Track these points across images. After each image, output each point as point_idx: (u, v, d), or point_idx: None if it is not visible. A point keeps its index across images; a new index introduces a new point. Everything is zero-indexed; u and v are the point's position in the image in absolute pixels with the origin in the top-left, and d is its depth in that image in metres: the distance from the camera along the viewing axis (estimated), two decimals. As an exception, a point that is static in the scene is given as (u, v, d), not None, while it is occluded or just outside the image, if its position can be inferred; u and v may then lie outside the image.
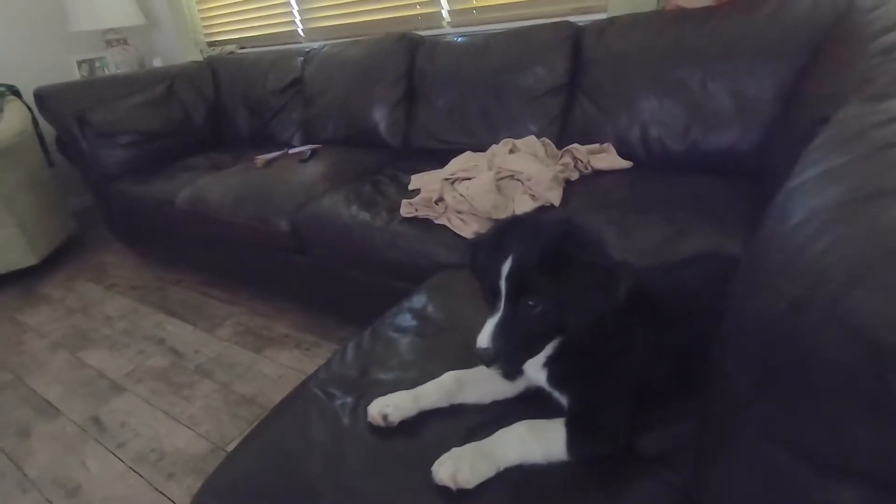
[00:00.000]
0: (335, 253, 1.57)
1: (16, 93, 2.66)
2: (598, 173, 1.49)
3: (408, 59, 2.01)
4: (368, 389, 0.73)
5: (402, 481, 0.59)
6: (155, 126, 2.37)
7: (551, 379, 0.65)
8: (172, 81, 2.52)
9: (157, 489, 1.27)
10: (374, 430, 0.66)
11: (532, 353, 0.61)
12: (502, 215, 1.31)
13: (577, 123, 1.66)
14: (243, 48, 2.91)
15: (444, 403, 0.67)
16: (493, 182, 1.35)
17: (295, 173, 1.89)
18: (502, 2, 2.04)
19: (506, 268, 0.58)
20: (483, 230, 1.28)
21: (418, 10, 2.25)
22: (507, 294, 0.58)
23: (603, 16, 1.77)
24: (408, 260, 1.37)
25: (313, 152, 2.06)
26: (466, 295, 0.96)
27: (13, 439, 1.49)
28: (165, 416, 1.51)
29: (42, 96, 2.21)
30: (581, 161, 1.50)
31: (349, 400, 0.72)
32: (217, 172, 2.07)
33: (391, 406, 0.65)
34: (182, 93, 2.52)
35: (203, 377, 1.66)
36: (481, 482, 0.56)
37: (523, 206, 1.33)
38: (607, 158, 1.51)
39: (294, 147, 2.17)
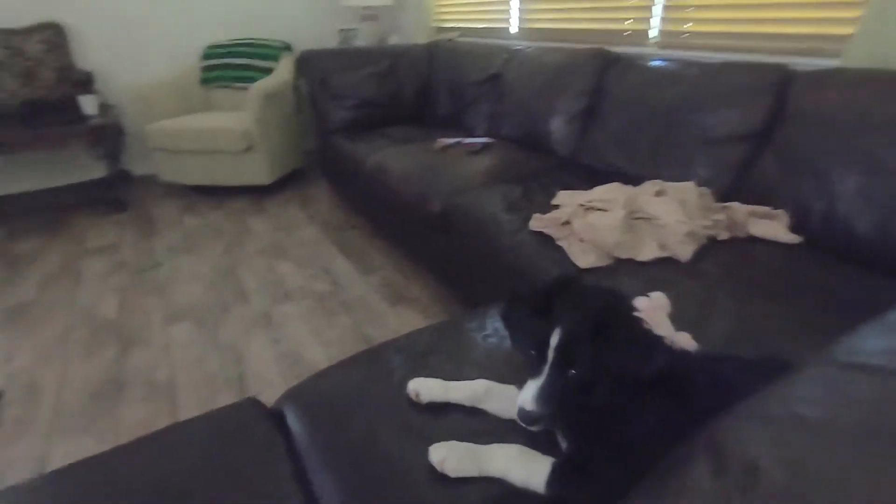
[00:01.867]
0: (470, 241, 1.75)
1: (289, 49, 3.41)
2: (753, 240, 1.35)
3: (596, 75, 2.02)
4: (419, 368, 0.88)
5: (409, 446, 0.74)
6: (373, 95, 2.82)
7: (560, 420, 0.71)
8: (397, 59, 2.94)
9: (286, 384, 1.65)
10: (409, 400, 0.81)
11: (570, 417, 0.67)
12: (624, 255, 1.32)
13: (753, 180, 1.50)
14: (462, 37, 3.20)
15: (468, 403, 0.79)
16: (623, 220, 1.35)
17: (462, 162, 2.10)
18: (722, 29, 1.89)
19: (555, 338, 0.63)
20: (599, 263, 1.31)
21: (628, 26, 2.21)
22: (553, 362, 0.63)
23: (833, 63, 1.53)
24: (523, 269, 1.46)
25: (485, 146, 2.24)
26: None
27: (216, 312, 2.06)
28: (309, 332, 1.91)
29: (303, 58, 2.82)
30: (738, 222, 1.38)
31: (404, 370, 0.88)
32: (404, 146, 2.40)
33: (425, 388, 0.80)
34: (402, 70, 2.93)
35: (346, 311, 2.03)
36: (462, 477, 0.68)
37: (649, 251, 1.30)
38: (771, 227, 1.36)
39: (471, 138, 2.39)
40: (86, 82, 3.12)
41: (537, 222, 1.49)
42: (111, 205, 3.09)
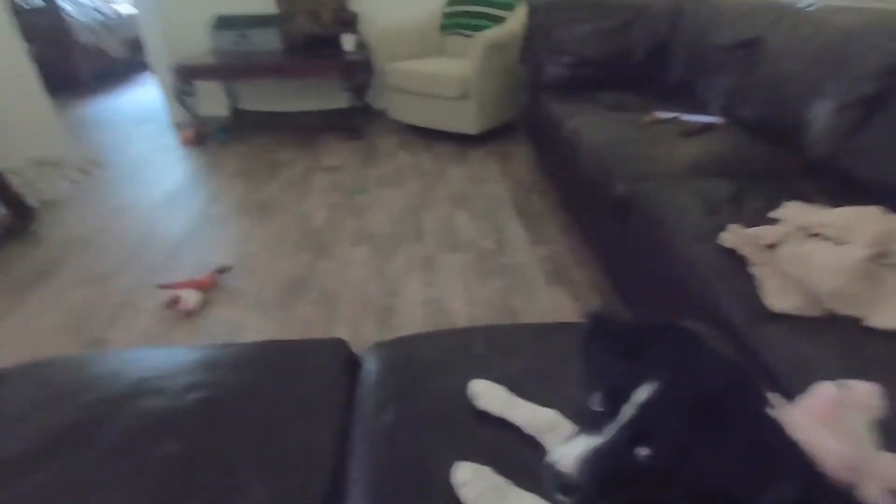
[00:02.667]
0: (643, 238, 1.50)
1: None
2: None
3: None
4: (495, 370, 0.79)
5: (445, 448, 0.68)
6: (596, 54, 2.56)
7: None
8: (636, 14, 2.58)
9: (424, 327, 1.73)
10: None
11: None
12: (846, 310, 0.95)
13: None
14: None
15: (526, 430, 0.68)
16: (862, 262, 0.96)
17: (669, 142, 1.78)
18: None
19: (642, 394, 0.47)
20: (802, 311, 0.97)
21: None
22: (626, 426, 0.47)
23: None
24: (695, 290, 1.19)
25: (708, 127, 1.85)
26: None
27: (392, 244, 2.25)
28: (461, 285, 1.94)
29: (533, 8, 2.69)
30: None
31: (481, 364, 0.81)
32: (611, 113, 2.14)
33: (484, 394, 0.72)
34: (637, 27, 2.57)
35: (501, 275, 1.99)
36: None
37: (890, 316, 0.91)
38: None
39: (694, 115, 1.98)
40: (350, 22, 3.59)
41: (731, 236, 1.17)
42: (349, 132, 3.60)
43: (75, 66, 5.06)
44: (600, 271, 1.95)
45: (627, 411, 0.47)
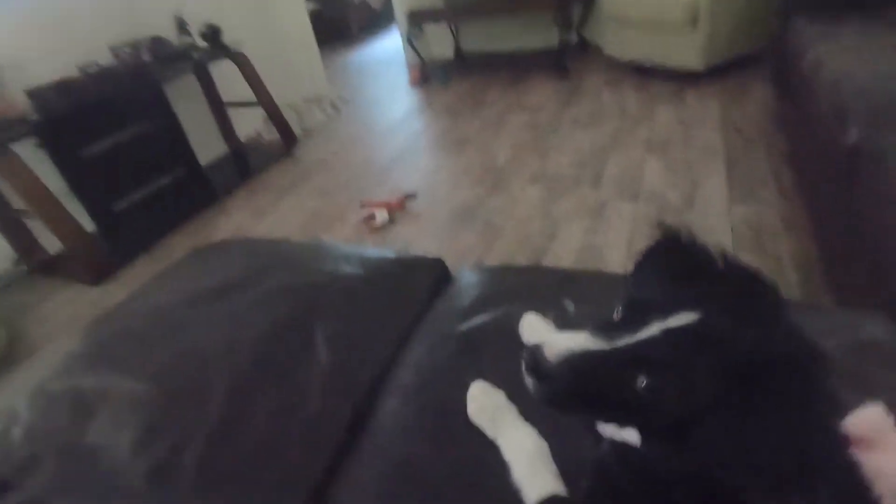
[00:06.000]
0: (880, 208, 1.11)
1: None
2: None
3: None
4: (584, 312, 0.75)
5: (486, 366, 0.70)
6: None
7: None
8: None
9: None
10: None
11: (583, 413, 0.48)
12: None
13: None
14: None
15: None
16: None
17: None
18: None
19: (676, 320, 0.38)
20: None
21: None
22: (638, 346, 0.39)
23: None
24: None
25: None
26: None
27: (566, 185, 2.17)
28: (627, 238, 1.79)
29: None
30: None
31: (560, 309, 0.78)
32: (886, 38, 1.57)
33: (528, 330, 0.70)
34: None
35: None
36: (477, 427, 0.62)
37: None
38: None
39: None
40: (575, -52, 3.35)
41: None
42: (556, 71, 3.47)
43: (347, 20, 6.07)
44: (813, 245, 1.54)
45: (650, 329, 0.38)
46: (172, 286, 1.01)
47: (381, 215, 2.18)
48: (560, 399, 0.41)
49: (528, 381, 0.42)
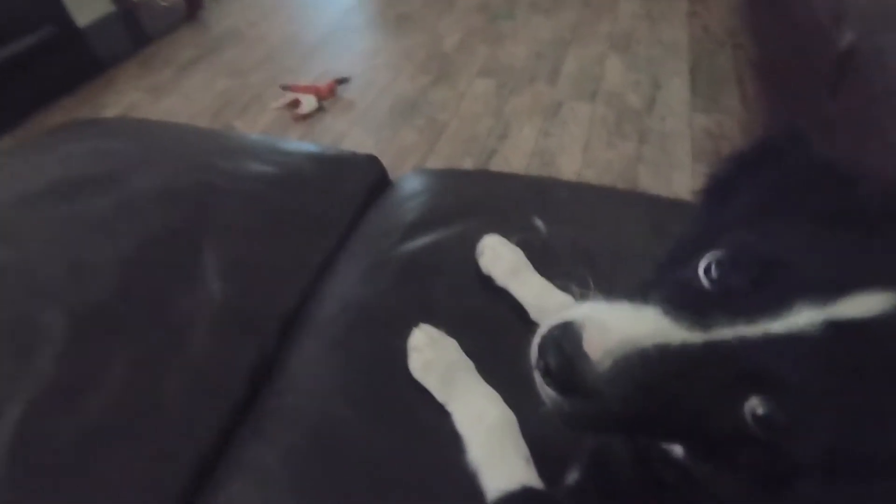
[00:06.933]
0: (866, 121, 1.01)
1: None
2: None
3: None
4: (547, 230, 0.59)
5: (431, 301, 0.54)
6: None
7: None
8: None
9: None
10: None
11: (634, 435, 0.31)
12: None
13: None
14: None
15: (530, 312, 0.50)
16: None
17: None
18: None
19: (842, 306, 0.21)
20: None
21: None
22: (771, 346, 0.22)
23: None
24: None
25: None
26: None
27: (521, 81, 1.94)
28: (583, 143, 1.63)
29: None
30: None
31: (522, 222, 0.62)
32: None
33: (492, 254, 0.54)
34: None
35: (638, 141, 1.62)
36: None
37: None
38: None
39: None
40: None
41: None
42: (516, -58, 3.02)
43: None
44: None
45: (794, 317, 0.21)
46: (4, 178, 0.74)
47: (309, 101, 1.85)
48: (605, 424, 0.26)
49: (550, 394, 0.25)
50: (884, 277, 0.21)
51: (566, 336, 0.24)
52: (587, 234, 0.58)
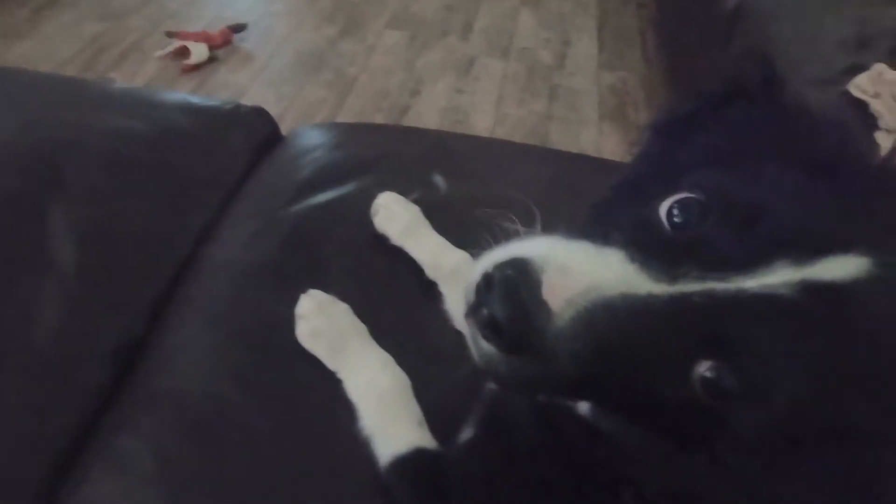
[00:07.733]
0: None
1: None
2: None
3: None
4: (448, 184, 0.57)
5: (323, 265, 0.51)
6: None
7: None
8: None
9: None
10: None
11: (558, 393, 0.27)
12: None
13: None
14: None
15: (426, 270, 0.48)
16: None
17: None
18: None
19: (820, 267, 0.19)
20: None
21: None
22: (745, 301, 0.20)
23: None
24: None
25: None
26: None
27: (432, 34, 1.86)
28: (495, 99, 1.62)
29: None
30: None
31: (420, 177, 0.59)
32: None
33: (387, 212, 0.50)
34: None
35: (549, 98, 1.64)
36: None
37: None
38: None
39: None
40: None
41: (868, 81, 0.78)
42: None
43: None
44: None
45: (772, 272, 0.19)
46: None
47: (199, 50, 1.66)
48: (548, 387, 0.22)
49: (487, 350, 0.21)
50: (862, 241, 0.20)
51: (523, 279, 0.19)
52: (489, 188, 0.56)
